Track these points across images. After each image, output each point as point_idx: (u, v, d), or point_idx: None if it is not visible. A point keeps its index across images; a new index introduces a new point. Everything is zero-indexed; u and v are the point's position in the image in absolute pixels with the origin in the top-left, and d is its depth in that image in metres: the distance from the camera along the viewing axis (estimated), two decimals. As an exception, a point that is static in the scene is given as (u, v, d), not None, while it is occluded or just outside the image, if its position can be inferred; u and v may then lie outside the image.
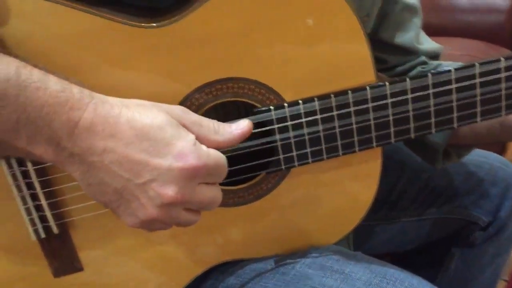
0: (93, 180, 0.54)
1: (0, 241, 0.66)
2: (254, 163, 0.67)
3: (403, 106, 0.66)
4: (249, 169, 0.67)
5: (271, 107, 0.64)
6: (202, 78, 0.63)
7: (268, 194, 0.70)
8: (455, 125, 0.68)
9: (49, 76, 0.52)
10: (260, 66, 0.64)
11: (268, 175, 0.69)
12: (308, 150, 0.66)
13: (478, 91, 0.66)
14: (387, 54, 0.91)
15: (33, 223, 0.65)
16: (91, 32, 0.59)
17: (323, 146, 0.66)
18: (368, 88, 0.65)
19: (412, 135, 0.68)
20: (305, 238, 0.74)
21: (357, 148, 0.67)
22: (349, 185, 0.72)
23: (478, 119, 0.68)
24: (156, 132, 0.53)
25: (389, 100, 0.65)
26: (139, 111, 0.54)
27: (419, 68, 0.91)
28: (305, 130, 0.65)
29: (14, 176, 0.62)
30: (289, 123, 0.65)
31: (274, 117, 0.64)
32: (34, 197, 0.64)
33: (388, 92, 0.65)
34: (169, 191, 0.53)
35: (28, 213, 0.64)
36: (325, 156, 0.67)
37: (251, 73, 0.64)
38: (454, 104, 0.66)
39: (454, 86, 0.65)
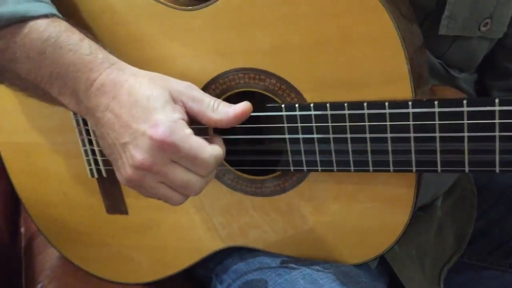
0: (99, 133, 0.62)
1: (71, 171, 0.80)
2: (264, 158, 0.66)
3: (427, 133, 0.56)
4: (264, 163, 0.67)
5: (282, 106, 0.62)
6: (229, 64, 0.64)
7: (291, 190, 0.68)
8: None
9: (84, 42, 0.61)
10: (286, 61, 0.62)
11: (288, 172, 0.67)
12: (318, 158, 0.63)
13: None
14: None
15: (89, 164, 0.77)
16: (128, 8, 0.66)
17: (333, 157, 0.62)
18: (386, 103, 0.57)
19: (439, 169, 0.58)
20: (324, 249, 0.70)
21: (371, 168, 0.61)
22: (379, 207, 0.65)
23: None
24: (144, 102, 0.58)
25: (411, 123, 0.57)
26: (142, 82, 0.59)
27: None
28: (315, 136, 0.62)
29: (77, 121, 0.75)
30: (299, 125, 0.62)
31: (284, 116, 0.62)
32: (90, 142, 0.76)
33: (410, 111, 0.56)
34: (138, 155, 0.57)
35: (86, 154, 0.77)
36: (335, 168, 0.62)
37: (274, 67, 0.63)
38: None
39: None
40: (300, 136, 0.62)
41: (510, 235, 0.90)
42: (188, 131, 0.57)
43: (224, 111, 0.60)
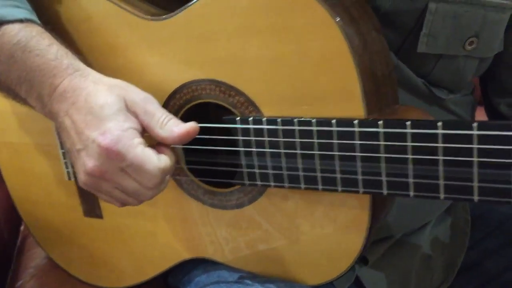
0: (61, 137, 0.64)
1: (54, 173, 0.83)
2: (220, 168, 0.66)
3: (372, 152, 0.55)
4: (223, 175, 0.67)
5: (237, 119, 0.62)
6: (192, 74, 0.65)
7: (250, 204, 0.68)
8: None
9: (51, 47, 0.63)
10: (245, 74, 0.62)
11: (245, 186, 0.67)
12: (270, 173, 0.62)
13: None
14: None
15: (66, 166, 0.79)
16: (104, 18, 0.68)
17: (284, 172, 0.61)
18: (334, 121, 0.56)
19: (385, 192, 0.56)
20: (283, 268, 0.69)
21: (320, 187, 0.59)
22: (334, 229, 0.64)
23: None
24: (97, 109, 0.59)
25: (357, 142, 0.55)
26: (99, 89, 0.60)
27: None
28: (267, 150, 0.61)
29: (57, 124, 0.78)
30: (252, 138, 0.62)
31: (239, 129, 0.62)
32: (68, 145, 0.78)
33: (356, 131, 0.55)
34: (89, 163, 0.59)
35: (64, 157, 0.79)
36: (286, 185, 0.61)
37: (234, 79, 0.63)
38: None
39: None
40: (254, 149, 0.62)
41: (503, 269, 0.85)
42: (136, 141, 0.58)
43: (170, 130, 0.60)
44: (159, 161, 0.58)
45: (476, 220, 0.90)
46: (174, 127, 0.60)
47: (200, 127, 0.61)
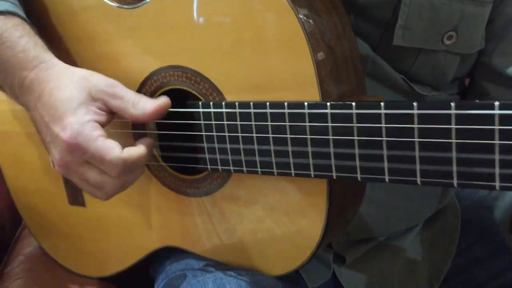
0: (36, 127, 0.66)
1: (41, 161, 0.85)
2: (188, 156, 0.67)
3: (323, 136, 0.54)
4: (189, 161, 0.68)
5: (200, 103, 0.63)
6: (160, 62, 0.66)
7: (216, 192, 0.68)
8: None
9: (22, 39, 0.65)
10: (209, 61, 0.63)
11: (213, 173, 0.67)
12: (230, 158, 0.62)
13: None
14: (494, 85, 0.72)
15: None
16: (84, 8, 0.71)
17: (242, 157, 0.61)
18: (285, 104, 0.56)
19: (334, 176, 0.55)
20: (247, 257, 0.68)
21: (275, 171, 0.59)
22: (293, 217, 0.63)
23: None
24: (59, 104, 0.61)
25: (308, 124, 0.55)
26: (62, 84, 0.62)
27: None
28: (227, 135, 0.61)
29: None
30: (213, 122, 0.62)
31: (201, 113, 0.63)
32: (53, 132, 0.80)
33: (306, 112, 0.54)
34: (56, 155, 0.61)
35: (49, 144, 0.81)
36: (245, 169, 0.61)
37: (199, 66, 0.64)
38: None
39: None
40: (214, 134, 0.62)
41: (491, 277, 0.82)
42: (96, 133, 0.59)
43: (143, 107, 0.61)
44: (120, 151, 0.59)
45: (465, 227, 0.87)
46: (147, 104, 0.62)
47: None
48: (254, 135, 0.59)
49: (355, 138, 0.52)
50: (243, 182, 0.65)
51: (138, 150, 0.61)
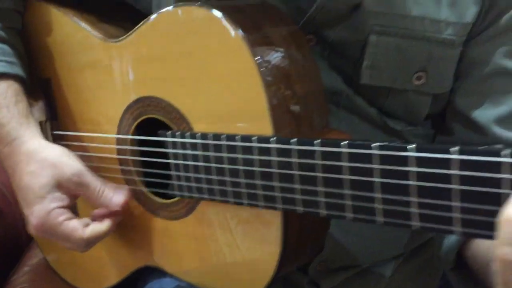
0: None
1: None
2: (162, 182, 0.71)
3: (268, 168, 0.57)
4: (163, 186, 0.71)
5: (168, 133, 0.67)
6: (139, 92, 0.71)
7: (186, 217, 0.71)
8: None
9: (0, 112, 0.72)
10: (178, 92, 0.67)
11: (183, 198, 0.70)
12: (193, 185, 0.65)
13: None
14: (458, 126, 0.71)
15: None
16: (72, 39, 0.77)
17: (203, 186, 0.64)
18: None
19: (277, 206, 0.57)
20: (213, 281, 0.71)
21: (231, 200, 0.62)
22: (253, 244, 0.65)
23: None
24: (27, 191, 0.70)
25: (255, 157, 0.57)
26: (29, 170, 0.71)
27: None
28: (190, 163, 0.65)
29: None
30: (180, 151, 0.66)
31: (169, 143, 0.67)
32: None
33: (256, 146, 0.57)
34: (31, 228, 0.71)
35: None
36: (206, 196, 0.64)
37: (170, 97, 0.68)
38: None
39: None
40: (180, 162, 0.66)
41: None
42: (61, 219, 0.69)
43: (108, 200, 0.72)
44: (83, 232, 0.69)
45: None
46: (112, 197, 0.72)
47: (144, 139, 0.70)
48: (213, 165, 0.62)
49: (295, 172, 0.54)
50: (210, 207, 0.68)
51: (101, 227, 0.71)
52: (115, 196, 0.72)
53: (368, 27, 0.66)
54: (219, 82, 0.62)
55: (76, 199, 0.73)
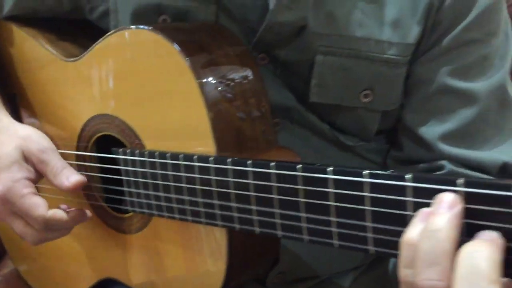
0: None
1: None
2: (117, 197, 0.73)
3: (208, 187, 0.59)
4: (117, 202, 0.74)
5: (120, 150, 0.69)
6: (95, 110, 0.73)
7: (141, 231, 0.73)
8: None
9: None
10: (130, 111, 0.69)
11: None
12: (143, 201, 0.67)
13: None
14: (407, 141, 0.73)
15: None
16: (39, 60, 0.79)
17: (152, 202, 0.66)
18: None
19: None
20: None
21: (177, 217, 0.64)
22: (202, 259, 0.67)
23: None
24: None
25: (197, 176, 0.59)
26: (3, 140, 0.72)
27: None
28: (140, 180, 0.67)
29: None
30: (131, 168, 0.68)
31: (121, 160, 0.69)
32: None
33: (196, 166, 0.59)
34: None
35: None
36: (155, 212, 0.67)
37: (122, 115, 0.70)
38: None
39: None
40: (131, 179, 0.68)
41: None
42: (26, 190, 0.68)
43: (60, 181, 0.70)
44: (45, 210, 0.68)
45: None
46: (64, 180, 0.70)
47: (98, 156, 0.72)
48: (160, 182, 0.64)
49: (251, 193, 0.55)
50: (162, 222, 0.70)
51: (61, 214, 0.70)
52: (70, 177, 0.70)
53: (314, 48, 0.68)
54: (166, 101, 0.64)
55: (41, 177, 0.72)
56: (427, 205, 0.41)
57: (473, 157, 0.68)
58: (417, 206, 0.42)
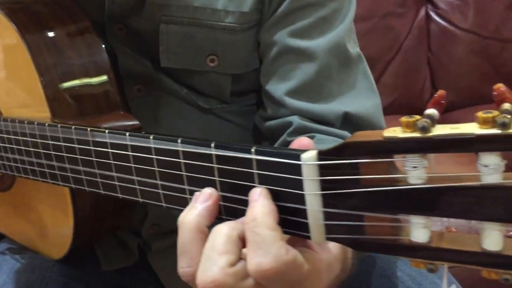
0: None
1: None
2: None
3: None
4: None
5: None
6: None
7: (10, 189, 0.81)
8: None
9: None
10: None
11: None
12: (5, 163, 0.74)
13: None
14: (267, 101, 0.79)
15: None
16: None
17: (10, 164, 0.72)
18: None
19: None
20: (34, 242, 0.81)
21: (31, 177, 0.70)
22: (57, 212, 0.74)
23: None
24: None
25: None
26: None
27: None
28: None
29: None
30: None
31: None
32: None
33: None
34: None
35: None
36: (12, 172, 0.73)
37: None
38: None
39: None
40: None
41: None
42: None
43: None
44: None
45: None
46: None
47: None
48: (22, 148, 0.69)
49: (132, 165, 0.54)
50: (25, 181, 0.75)
51: None
52: None
53: (157, 18, 0.74)
54: (12, 76, 0.70)
55: None
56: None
57: (316, 110, 0.74)
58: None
